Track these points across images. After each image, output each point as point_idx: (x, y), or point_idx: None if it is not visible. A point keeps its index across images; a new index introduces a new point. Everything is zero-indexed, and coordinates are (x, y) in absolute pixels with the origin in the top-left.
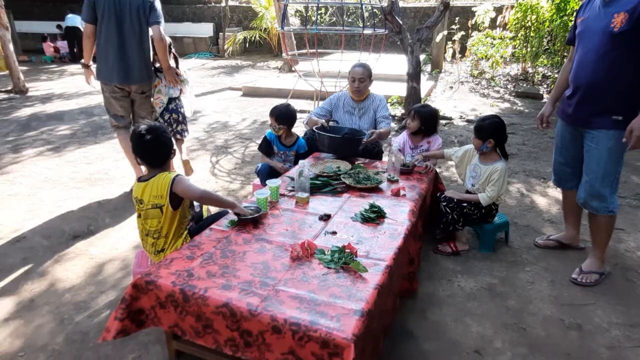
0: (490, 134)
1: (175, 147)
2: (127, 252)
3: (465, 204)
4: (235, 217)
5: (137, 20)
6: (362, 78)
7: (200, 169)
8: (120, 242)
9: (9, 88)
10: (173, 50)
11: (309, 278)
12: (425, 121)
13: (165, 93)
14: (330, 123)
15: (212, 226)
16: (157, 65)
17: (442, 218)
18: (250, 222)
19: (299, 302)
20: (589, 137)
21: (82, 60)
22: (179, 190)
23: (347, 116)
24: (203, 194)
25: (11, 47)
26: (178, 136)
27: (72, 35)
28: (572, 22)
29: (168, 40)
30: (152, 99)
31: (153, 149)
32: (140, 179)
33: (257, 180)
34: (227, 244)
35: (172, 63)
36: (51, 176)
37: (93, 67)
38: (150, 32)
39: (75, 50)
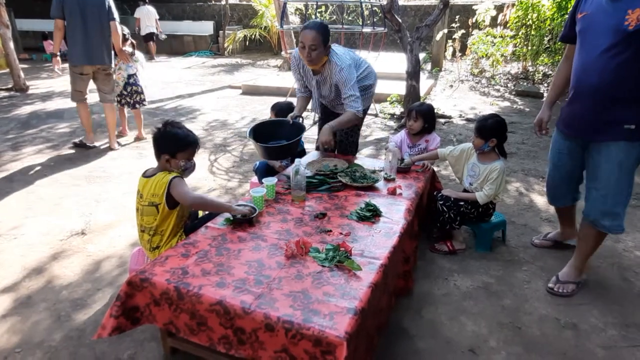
0: (493, 133)
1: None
2: (124, 250)
3: (462, 203)
4: (230, 216)
5: (97, 16)
6: (313, 45)
7: (199, 166)
8: (117, 239)
9: (10, 86)
10: (130, 39)
11: (303, 276)
12: (427, 119)
13: (125, 69)
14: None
15: (208, 224)
16: (126, 49)
17: (438, 217)
18: (246, 221)
19: (293, 300)
20: (596, 149)
21: (52, 50)
22: (174, 194)
23: (311, 82)
24: (195, 200)
25: (12, 45)
26: (137, 105)
27: None
28: (568, 17)
29: (127, 31)
30: (114, 75)
31: (156, 139)
32: (145, 174)
33: (254, 179)
34: (222, 242)
35: (129, 48)
36: (50, 174)
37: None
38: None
39: None
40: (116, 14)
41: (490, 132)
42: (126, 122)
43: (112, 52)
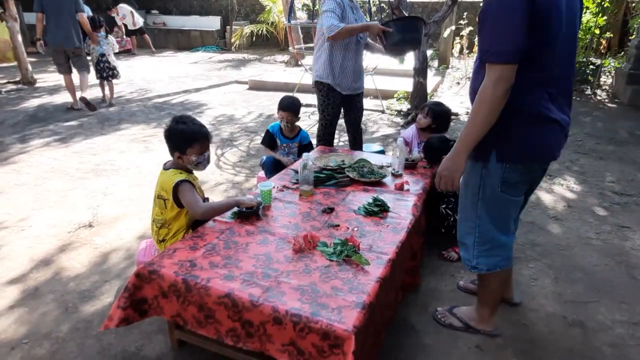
0: (442, 152)
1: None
2: (131, 242)
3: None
4: (237, 209)
5: (68, 9)
6: None
7: None
8: (125, 232)
9: (18, 79)
10: (104, 25)
11: (311, 270)
12: (436, 119)
13: (97, 50)
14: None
15: (216, 217)
16: (102, 33)
17: (443, 222)
18: (252, 214)
19: (301, 293)
20: None
21: (36, 36)
22: (182, 200)
23: (350, 12)
24: (205, 212)
25: (20, 38)
26: (111, 78)
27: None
28: None
29: (101, 19)
30: (90, 52)
31: (165, 137)
32: (164, 166)
33: (261, 173)
34: (230, 235)
35: (102, 32)
36: (57, 166)
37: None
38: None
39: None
40: (83, 7)
41: (440, 152)
42: (106, 93)
43: (81, 36)
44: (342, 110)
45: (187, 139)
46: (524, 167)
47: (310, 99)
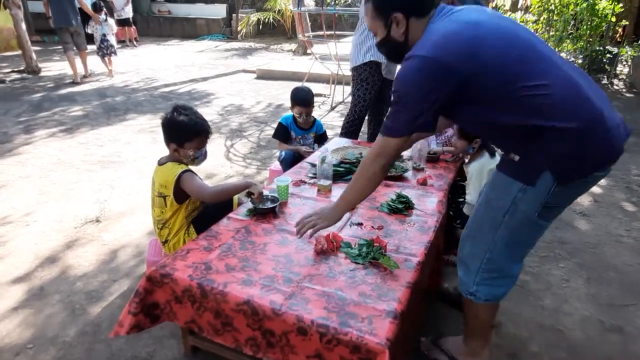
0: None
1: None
2: (140, 239)
3: (461, 199)
4: (252, 206)
5: None
6: None
7: (215, 152)
8: (134, 227)
9: (22, 68)
10: (104, 9)
11: (335, 274)
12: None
13: (100, 30)
14: None
15: (230, 215)
16: (103, 16)
17: None
18: (269, 211)
19: (326, 301)
20: None
21: (47, 15)
22: (187, 189)
23: None
24: (213, 193)
25: (24, 26)
26: (112, 55)
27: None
28: None
29: (103, 4)
30: (94, 32)
31: (163, 126)
32: (159, 161)
33: (273, 166)
34: (246, 234)
35: (103, 15)
36: (63, 158)
37: None
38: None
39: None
40: None
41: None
42: (111, 69)
43: (79, 17)
44: None
45: (187, 132)
46: (583, 180)
47: (321, 88)
